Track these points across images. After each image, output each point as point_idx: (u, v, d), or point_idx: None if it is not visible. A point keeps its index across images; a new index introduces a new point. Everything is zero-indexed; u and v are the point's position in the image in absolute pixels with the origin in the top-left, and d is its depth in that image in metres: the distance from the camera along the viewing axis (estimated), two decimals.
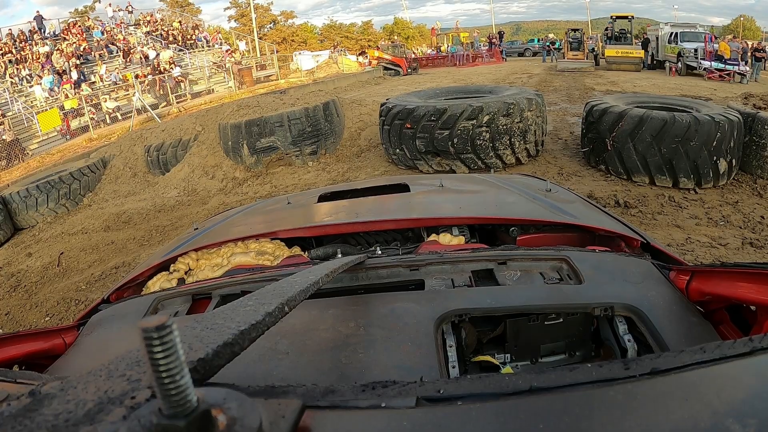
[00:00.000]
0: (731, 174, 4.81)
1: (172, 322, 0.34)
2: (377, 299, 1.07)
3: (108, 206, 7.65)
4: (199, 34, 26.15)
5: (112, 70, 20.18)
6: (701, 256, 3.48)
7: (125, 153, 9.27)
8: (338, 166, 6.72)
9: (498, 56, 24.99)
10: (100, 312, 1.39)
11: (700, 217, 4.15)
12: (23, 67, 19.33)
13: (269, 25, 45.32)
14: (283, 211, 2.19)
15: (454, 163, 5.62)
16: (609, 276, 1.11)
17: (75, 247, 6.15)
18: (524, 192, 1.98)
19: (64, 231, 6.95)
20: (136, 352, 0.45)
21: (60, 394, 0.40)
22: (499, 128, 5.42)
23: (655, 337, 0.91)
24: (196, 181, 7.32)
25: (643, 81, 14.51)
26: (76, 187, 8.07)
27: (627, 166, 4.90)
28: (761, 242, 3.75)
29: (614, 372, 0.48)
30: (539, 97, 5.84)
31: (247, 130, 6.84)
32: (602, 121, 5.10)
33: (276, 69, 24.04)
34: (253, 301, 0.64)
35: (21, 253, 6.46)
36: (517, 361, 1.07)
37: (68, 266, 5.63)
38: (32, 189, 7.56)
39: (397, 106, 5.95)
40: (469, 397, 0.45)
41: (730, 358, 0.49)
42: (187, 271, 1.66)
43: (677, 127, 4.46)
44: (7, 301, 5.09)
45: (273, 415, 0.40)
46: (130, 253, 5.52)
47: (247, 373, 0.81)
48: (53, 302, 4.72)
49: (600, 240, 1.56)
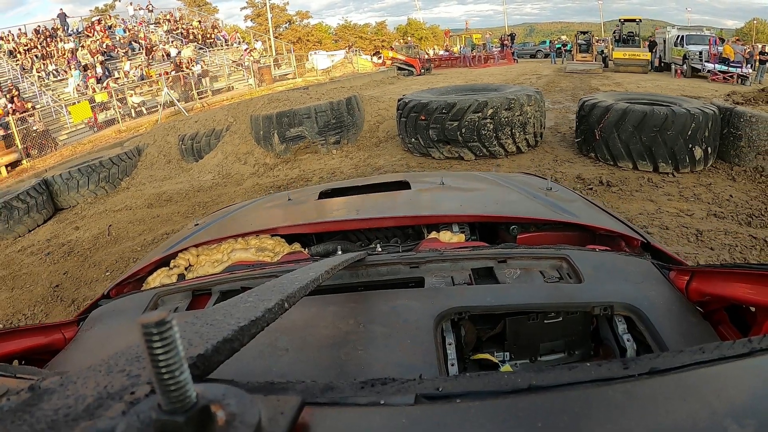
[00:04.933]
0: (707, 161, 5.45)
1: (172, 317, 0.34)
2: (377, 296, 1.07)
3: (146, 188, 8.40)
4: (218, 33, 27.11)
5: (135, 66, 21.07)
6: (667, 223, 4.18)
7: (159, 142, 10.06)
8: (359, 153, 7.49)
9: (509, 58, 25.54)
10: (100, 307, 1.39)
11: (673, 195, 4.84)
12: (49, 62, 20.33)
13: (285, 24, 46.22)
14: (283, 208, 2.21)
15: (462, 151, 6.36)
16: (609, 275, 1.12)
17: (122, 221, 6.88)
18: (525, 190, 2.00)
19: (107, 209, 7.65)
20: (135, 348, 0.45)
21: (59, 390, 0.40)
22: (502, 120, 6.16)
23: (655, 337, 0.91)
24: (229, 166, 8.08)
25: (647, 82, 15.06)
26: (115, 171, 8.81)
27: (613, 153, 5.61)
28: (725, 214, 4.41)
29: (613, 371, 0.47)
30: (538, 94, 6.57)
31: (278, 120, 7.64)
32: (592, 114, 5.82)
33: (293, 68, 24.87)
34: (253, 297, 0.64)
35: (67, 228, 7.16)
36: (516, 360, 1.07)
37: (118, 235, 6.37)
38: (74, 172, 8.25)
39: (413, 100, 6.72)
40: (467, 395, 0.45)
41: (729, 359, 0.49)
42: (187, 267, 1.67)
43: (655, 119, 5.17)
44: (63, 263, 5.82)
45: (272, 412, 0.39)
46: (176, 224, 6.25)
47: (246, 369, 0.82)
48: (111, 261, 5.49)
49: (600, 239, 1.57)
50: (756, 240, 3.90)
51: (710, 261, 3.57)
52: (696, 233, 4.00)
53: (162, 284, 1.54)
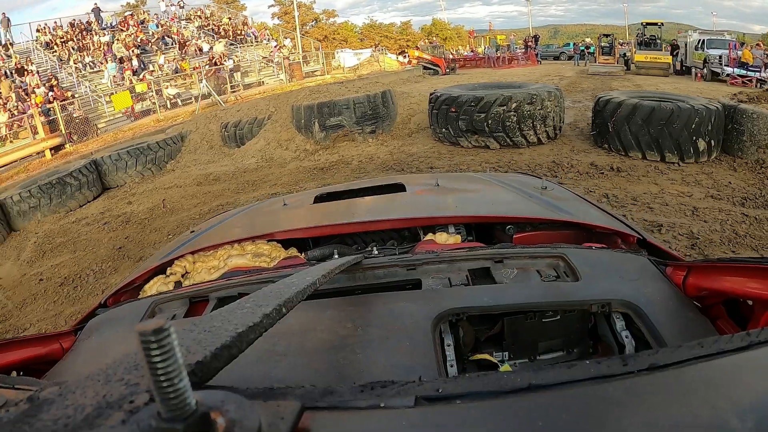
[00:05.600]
0: (711, 153, 6.03)
1: (170, 325, 0.34)
2: (375, 299, 1.07)
3: (192, 170, 9.16)
4: (248, 30, 28.07)
5: (169, 60, 22.04)
6: (667, 201, 4.81)
7: (201, 129, 10.88)
8: (393, 142, 8.24)
9: (533, 59, 25.95)
10: (97, 316, 1.39)
11: (676, 180, 5.46)
12: (86, 54, 21.32)
13: (311, 23, 47.12)
14: (279, 213, 2.21)
15: (488, 140, 7.06)
16: (606, 273, 1.12)
17: (174, 196, 7.61)
18: (520, 190, 2.02)
19: (156, 187, 8.40)
20: (134, 356, 0.45)
21: (58, 400, 0.40)
22: (524, 113, 6.85)
23: (653, 333, 0.91)
24: (272, 151, 8.86)
25: (667, 85, 15.46)
26: (161, 154, 9.61)
27: (624, 144, 6.25)
28: (721, 197, 5.01)
29: (612, 368, 0.47)
30: (558, 91, 7.26)
31: (319, 110, 8.43)
32: (606, 109, 6.47)
33: (321, 65, 25.70)
34: (251, 303, 0.64)
35: (120, 203, 7.91)
36: (515, 359, 1.08)
37: (173, 207, 7.11)
38: (122, 154, 9.06)
39: (444, 94, 7.48)
40: (467, 395, 0.45)
41: (728, 353, 0.49)
42: (183, 274, 1.67)
43: (662, 113, 5.80)
44: (123, 231, 6.59)
45: (272, 417, 0.40)
46: (228, 198, 6.99)
47: (245, 375, 0.82)
48: (171, 228, 6.25)
49: (596, 237, 1.57)
50: (747, 217, 4.49)
51: (702, 231, 4.18)
52: (692, 209, 4.63)
53: (159, 292, 1.53)
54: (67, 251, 6.19)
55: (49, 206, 7.61)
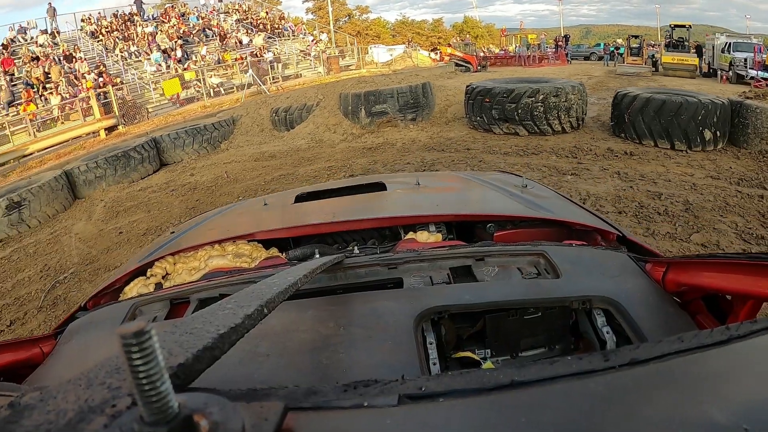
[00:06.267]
0: (717, 143, 6.81)
1: (151, 327, 0.34)
2: (356, 299, 1.08)
3: (245, 149, 10.16)
4: (285, 24, 29.26)
5: (211, 51, 23.18)
6: (671, 178, 5.67)
7: (252, 114, 11.97)
8: (432, 128, 9.23)
9: (563, 58, 26.35)
10: (78, 320, 1.37)
11: (681, 163, 6.30)
12: (131, 43, 22.64)
13: (344, 18, 48.21)
14: (260, 213, 2.21)
15: (518, 128, 8.00)
16: (586, 269, 1.14)
17: (235, 169, 8.56)
18: (500, 188, 2.03)
19: (214, 163, 9.33)
20: (115, 360, 0.45)
21: (40, 405, 0.40)
22: (550, 104, 7.77)
23: (634, 329, 0.93)
24: (321, 134, 9.88)
25: (692, 86, 15.86)
26: (216, 135, 10.68)
27: (638, 133, 7.11)
28: (720, 177, 5.80)
29: (594, 364, 0.48)
30: (581, 86, 8.16)
31: (366, 98, 9.49)
32: (623, 102, 7.36)
33: (356, 59, 26.75)
34: (232, 303, 0.64)
35: (182, 175, 8.84)
36: (497, 356, 1.09)
37: (235, 178, 8.02)
38: (181, 133, 10.09)
39: (479, 86, 8.47)
40: (450, 393, 0.45)
41: (708, 347, 0.49)
42: (164, 276, 1.66)
43: (671, 105, 6.66)
44: (191, 195, 7.45)
45: (255, 418, 0.40)
46: (287, 170, 7.92)
47: (227, 376, 0.81)
48: (238, 192, 7.15)
49: (577, 234, 1.59)
50: (739, 192, 5.28)
51: (696, 200, 5.03)
52: (692, 185, 5.49)
53: (139, 294, 1.52)
54: (140, 211, 7.15)
55: (114, 176, 8.62)
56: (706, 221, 4.52)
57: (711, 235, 4.22)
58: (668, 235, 4.28)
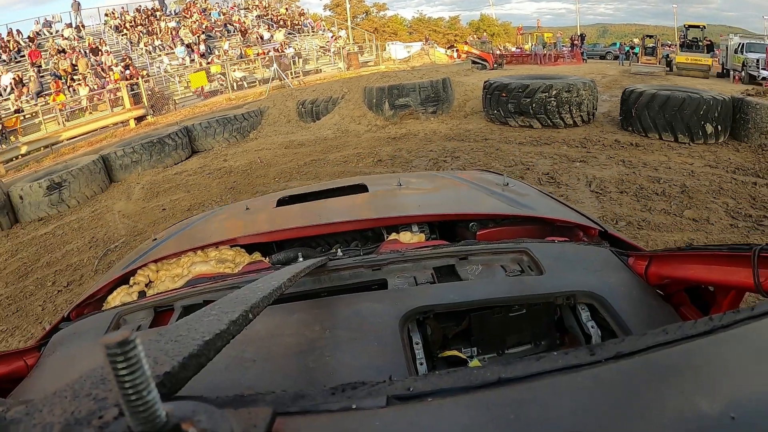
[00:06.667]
0: (718, 137, 7.32)
1: (135, 336, 0.34)
2: (341, 301, 1.08)
3: (274, 138, 10.74)
4: (304, 20, 29.94)
5: (234, 46, 23.89)
6: (671, 166, 6.23)
7: (278, 106, 12.63)
8: (452, 121, 9.86)
9: (579, 57, 26.64)
10: (61, 331, 1.36)
11: (683, 154, 6.83)
12: (155, 38, 23.38)
13: (362, 15, 48.75)
14: (242, 218, 2.21)
15: (532, 121, 8.60)
16: (569, 265, 1.16)
17: (267, 155, 9.09)
18: (482, 187, 2.03)
19: (245, 150, 9.85)
20: (100, 370, 0.44)
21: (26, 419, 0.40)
22: (563, 99, 8.37)
23: (618, 322, 0.94)
24: (346, 125, 10.48)
25: (704, 86, 16.29)
26: (245, 125, 11.33)
27: (644, 126, 7.66)
28: (718, 167, 6.28)
29: (580, 358, 0.48)
30: (592, 83, 8.75)
31: (389, 91, 10.16)
32: (630, 98, 7.93)
33: (374, 55, 27.39)
34: (217, 310, 0.64)
35: (215, 160, 9.38)
36: (484, 354, 1.10)
37: (268, 163, 8.55)
38: (212, 122, 10.75)
39: (497, 82, 9.10)
40: (438, 392, 0.46)
41: (692, 338, 0.50)
42: (147, 284, 1.66)
43: (675, 101, 7.22)
44: (228, 178, 7.96)
45: (244, 425, 0.40)
46: (317, 156, 8.48)
47: (214, 383, 0.82)
48: (273, 174, 7.70)
49: (559, 230, 1.61)
50: (734, 179, 5.77)
51: (693, 184, 5.57)
52: (690, 172, 6.03)
53: (123, 303, 1.51)
54: (180, 191, 7.67)
55: (149, 162, 9.18)
56: (699, 201, 5.08)
57: (702, 212, 4.79)
58: (663, 210, 4.87)
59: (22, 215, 7.55)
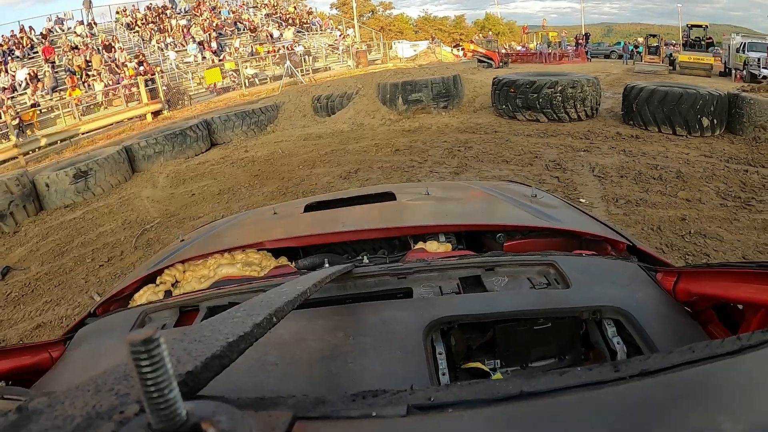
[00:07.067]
0: (714, 130, 7.78)
1: (160, 335, 0.34)
2: (365, 308, 1.08)
3: (292, 131, 11.24)
4: (312, 19, 30.42)
5: (244, 44, 24.34)
6: (668, 155, 6.73)
7: (294, 101, 13.07)
8: (462, 116, 10.41)
9: (583, 56, 27.00)
10: (87, 326, 1.39)
11: (680, 145, 7.33)
12: (167, 35, 23.82)
13: (368, 14, 49.23)
14: (269, 222, 2.23)
15: (539, 115, 9.14)
16: (596, 279, 1.14)
17: (287, 147, 9.58)
18: (510, 198, 2.04)
19: (265, 142, 10.30)
20: (123, 366, 0.45)
21: (47, 410, 0.40)
22: (568, 95, 8.91)
23: (644, 339, 0.92)
24: (361, 119, 10.97)
25: (704, 84, 16.79)
26: (262, 118, 11.81)
27: (644, 120, 8.17)
28: (712, 156, 6.74)
29: (604, 374, 0.48)
30: (595, 79, 9.33)
31: (403, 87, 10.71)
32: (631, 93, 8.44)
33: (382, 54, 27.89)
34: (241, 312, 0.64)
35: (236, 151, 9.82)
36: (507, 367, 1.08)
37: (289, 153, 9.04)
38: (231, 116, 11.24)
39: (505, 78, 9.68)
40: (459, 404, 0.45)
41: (720, 357, 0.49)
42: (173, 284, 1.68)
43: (673, 96, 7.73)
44: (252, 166, 8.41)
45: (263, 427, 0.40)
46: (336, 146, 8.98)
47: (236, 385, 0.82)
48: (297, 162, 8.19)
49: (586, 244, 1.59)
50: (727, 168, 6.22)
51: (688, 171, 6.05)
52: (686, 161, 6.53)
53: (149, 301, 1.54)
54: (207, 179, 8.11)
55: (171, 152, 9.56)
56: (693, 185, 5.59)
57: (695, 194, 5.30)
58: (659, 192, 5.39)
59: (47, 203, 7.84)
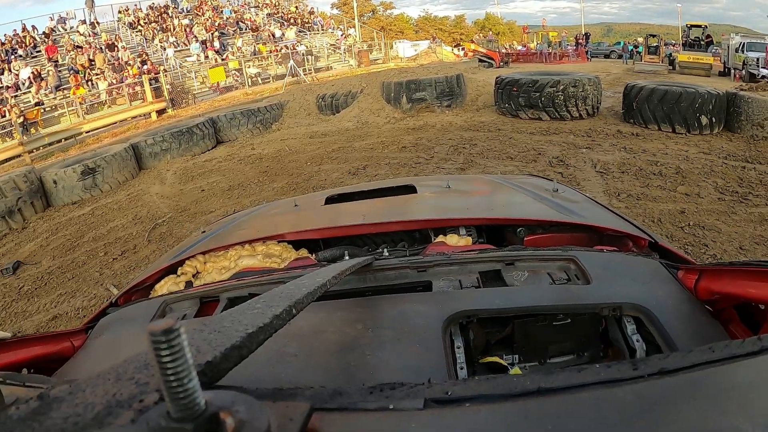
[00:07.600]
0: (713, 128, 7.96)
1: (180, 325, 0.35)
2: (385, 301, 1.08)
3: (297, 129, 11.38)
4: (314, 19, 30.56)
5: (247, 43, 24.45)
6: (668, 152, 6.91)
7: (298, 99, 13.26)
8: (465, 114, 10.60)
9: (583, 56, 27.13)
10: (108, 315, 1.41)
11: (679, 143, 7.51)
12: (170, 34, 23.92)
13: (368, 14, 49.38)
14: (290, 214, 2.24)
15: (541, 114, 9.33)
16: (617, 276, 1.13)
17: (293, 144, 9.70)
18: (531, 192, 2.04)
19: (271, 140, 10.41)
20: (144, 356, 0.45)
21: (68, 398, 0.41)
22: (569, 94, 9.11)
23: (664, 337, 0.91)
24: (365, 117, 11.15)
25: (703, 84, 16.98)
26: (267, 117, 11.99)
27: (644, 118, 8.36)
28: (711, 153, 6.91)
29: (623, 372, 0.47)
30: (596, 79, 9.53)
31: (407, 86, 10.90)
32: (632, 92, 8.64)
33: (383, 53, 28.06)
34: (261, 303, 0.65)
35: (243, 149, 9.96)
36: (525, 362, 1.08)
37: (296, 150, 9.15)
38: (236, 113, 11.40)
39: (508, 77, 9.86)
40: (477, 398, 0.46)
41: (740, 358, 0.49)
42: (194, 274, 1.70)
43: (672, 95, 7.92)
44: (260, 163, 8.45)
45: (281, 418, 0.40)
46: (342, 144, 9.12)
47: (255, 375, 0.83)
48: (304, 159, 8.31)
49: (608, 239, 1.57)
50: (725, 164, 6.41)
51: (687, 167, 6.23)
52: (685, 157, 6.71)
53: (170, 292, 1.54)
54: (215, 175, 8.20)
55: (177, 150, 9.66)
56: (692, 180, 5.77)
57: (694, 188, 5.48)
58: (659, 186, 5.57)
59: (54, 199, 7.89)
